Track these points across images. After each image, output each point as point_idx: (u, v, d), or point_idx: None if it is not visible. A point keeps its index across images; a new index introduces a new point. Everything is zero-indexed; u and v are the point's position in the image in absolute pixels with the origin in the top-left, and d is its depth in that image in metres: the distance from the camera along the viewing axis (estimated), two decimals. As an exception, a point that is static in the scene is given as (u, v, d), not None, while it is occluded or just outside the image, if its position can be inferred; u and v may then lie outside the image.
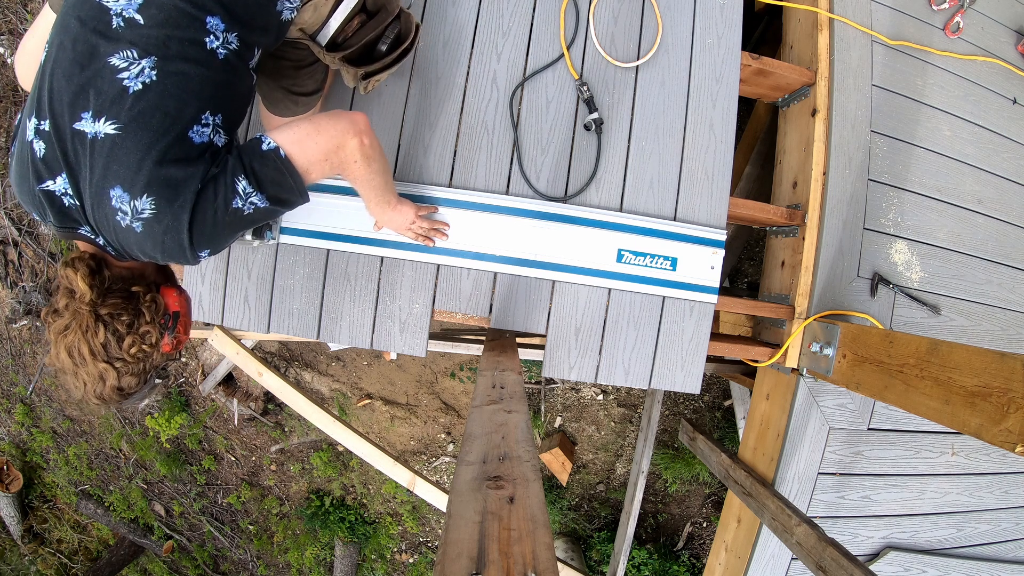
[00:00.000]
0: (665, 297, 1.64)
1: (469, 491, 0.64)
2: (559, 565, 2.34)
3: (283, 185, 0.97)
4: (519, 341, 1.74)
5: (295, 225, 1.56)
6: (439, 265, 1.59)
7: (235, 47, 0.95)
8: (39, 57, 0.92)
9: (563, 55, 1.62)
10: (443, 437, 4.00)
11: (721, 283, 1.67)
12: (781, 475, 1.75)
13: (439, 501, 2.35)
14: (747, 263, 3.64)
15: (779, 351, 1.74)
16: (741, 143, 2.66)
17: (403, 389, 3.95)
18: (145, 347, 0.95)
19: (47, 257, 3.71)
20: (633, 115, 1.65)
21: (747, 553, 1.83)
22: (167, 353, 1.02)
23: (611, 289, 1.62)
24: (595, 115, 1.59)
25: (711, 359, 1.86)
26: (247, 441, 4.22)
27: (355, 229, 1.56)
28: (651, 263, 1.62)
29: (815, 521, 1.51)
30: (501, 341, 1.49)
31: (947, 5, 1.93)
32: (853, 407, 1.80)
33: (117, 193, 0.86)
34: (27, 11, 3.54)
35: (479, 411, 0.93)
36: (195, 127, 0.90)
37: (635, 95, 1.65)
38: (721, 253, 1.65)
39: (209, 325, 2.84)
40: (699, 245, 1.64)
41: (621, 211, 1.63)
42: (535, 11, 1.63)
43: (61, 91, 0.86)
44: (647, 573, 3.75)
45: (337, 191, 1.55)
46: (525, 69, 1.62)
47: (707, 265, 1.65)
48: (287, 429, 4.16)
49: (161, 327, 0.97)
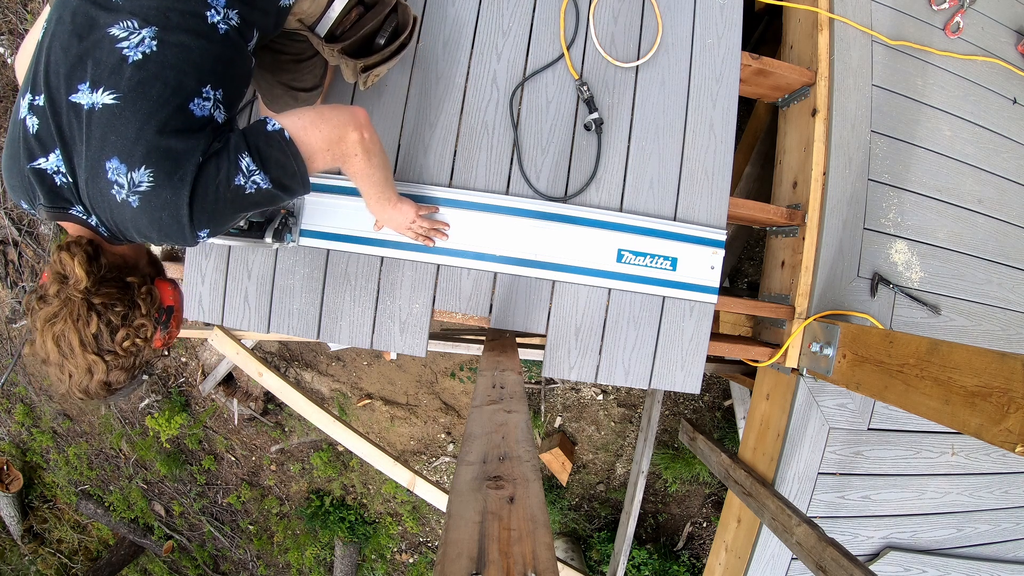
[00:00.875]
0: (665, 297, 1.64)
1: (469, 491, 0.64)
2: (559, 565, 2.34)
3: (286, 168, 0.95)
4: (519, 341, 1.74)
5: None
6: (439, 265, 1.59)
7: (236, 23, 0.94)
8: None
9: (563, 55, 1.62)
10: (443, 437, 4.00)
11: (721, 283, 1.67)
12: (781, 475, 1.75)
13: (439, 501, 2.35)
14: (747, 263, 3.64)
15: (779, 351, 1.74)
16: (741, 143, 2.66)
17: (403, 389, 3.95)
18: (138, 341, 0.91)
19: (47, 257, 3.71)
20: (633, 115, 1.65)
21: (747, 553, 1.83)
22: (157, 349, 0.98)
23: (611, 289, 1.62)
24: (595, 115, 1.59)
25: (711, 359, 1.86)
26: (247, 441, 4.22)
27: (355, 229, 1.56)
28: (651, 263, 1.62)
29: (815, 521, 1.51)
30: (501, 341, 1.49)
31: (947, 5, 1.93)
32: (853, 407, 1.80)
33: (114, 165, 0.82)
34: (27, 11, 3.54)
35: (479, 411, 0.93)
36: (196, 100, 0.88)
37: (635, 95, 1.65)
38: (721, 253, 1.65)
39: (209, 325, 2.84)
40: (699, 245, 1.64)
41: (621, 211, 1.63)
42: (535, 11, 1.63)
43: (58, 63, 0.84)
44: (647, 573, 3.75)
45: (337, 191, 1.55)
46: (525, 69, 1.62)
47: (707, 265, 1.65)
48: (287, 429, 4.16)
49: (155, 321, 0.94)
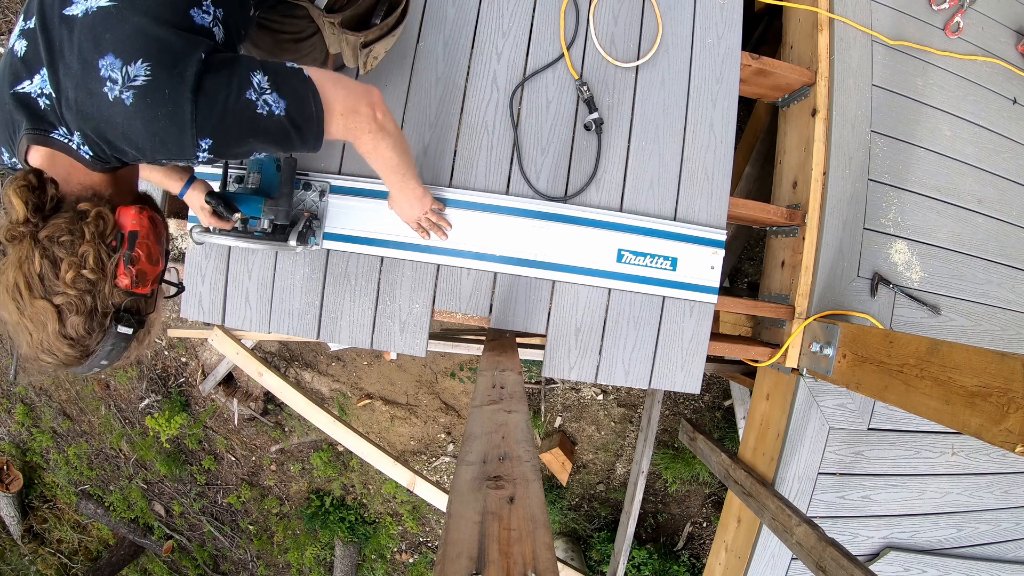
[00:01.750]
0: (665, 297, 1.64)
1: (469, 491, 0.64)
2: (559, 565, 2.34)
3: (304, 103, 0.87)
4: (519, 341, 1.74)
5: (295, 225, 1.56)
6: (439, 265, 1.59)
7: None
8: None
9: (563, 55, 1.63)
10: (443, 437, 4.00)
11: (721, 283, 1.67)
12: (781, 475, 1.75)
13: (439, 501, 2.35)
14: (747, 263, 3.64)
15: (779, 351, 1.74)
16: (741, 143, 2.66)
17: (403, 389, 3.95)
18: (85, 273, 0.77)
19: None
20: (633, 115, 1.65)
21: (747, 553, 1.83)
22: (127, 289, 0.82)
23: (611, 289, 1.62)
24: (595, 115, 1.59)
25: (711, 359, 1.86)
26: (247, 441, 4.22)
27: (355, 229, 1.56)
28: (651, 263, 1.62)
29: (815, 521, 1.51)
30: (501, 341, 1.49)
31: (947, 5, 1.93)
32: (853, 407, 1.80)
33: (108, 61, 0.75)
34: (27, 11, 3.54)
35: (479, 411, 0.93)
36: (196, 9, 0.82)
37: (635, 95, 1.65)
38: (721, 253, 1.65)
39: (209, 325, 2.84)
40: (699, 245, 1.64)
41: (621, 211, 1.63)
42: (535, 11, 1.63)
43: None
44: (647, 573, 3.75)
45: (336, 191, 1.55)
46: (525, 69, 1.62)
47: (707, 265, 1.65)
48: (287, 429, 4.16)
49: (108, 248, 0.80)
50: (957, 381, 1.18)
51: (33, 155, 0.82)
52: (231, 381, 4.00)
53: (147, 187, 1.47)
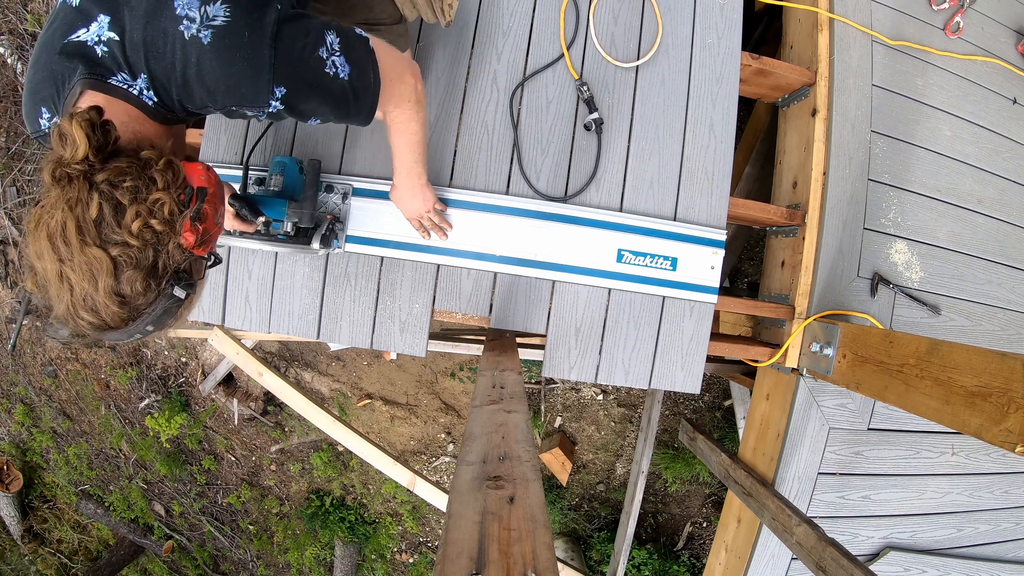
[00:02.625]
0: (665, 297, 1.64)
1: (469, 491, 0.64)
2: (559, 565, 2.34)
3: (365, 72, 0.88)
4: (519, 341, 1.74)
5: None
6: (439, 265, 1.59)
7: None
8: None
9: (563, 55, 1.62)
10: (443, 437, 4.00)
11: (721, 283, 1.67)
12: (781, 475, 1.75)
13: (439, 501, 2.35)
14: (747, 263, 3.64)
15: (779, 351, 1.74)
16: (741, 143, 2.66)
17: (403, 389, 3.95)
18: (155, 224, 0.69)
19: (47, 257, 3.70)
20: (633, 115, 1.65)
21: (747, 553, 1.83)
22: (190, 250, 0.74)
23: (611, 289, 1.62)
24: (595, 115, 1.59)
25: (711, 359, 1.86)
26: (247, 441, 4.22)
27: (355, 229, 1.56)
28: (651, 263, 1.62)
29: (815, 521, 1.51)
30: (501, 341, 1.49)
31: (947, 5, 1.93)
32: (853, 407, 1.80)
33: (185, 0, 0.73)
34: (27, 11, 3.54)
35: (479, 411, 0.93)
36: None
37: (635, 95, 1.65)
38: (721, 253, 1.65)
39: (209, 325, 2.84)
40: (699, 245, 1.64)
41: (621, 211, 1.63)
42: (535, 11, 1.63)
43: None
44: (647, 573, 3.75)
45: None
46: (525, 69, 1.62)
47: (707, 265, 1.65)
48: (287, 429, 4.16)
49: (180, 204, 0.72)
50: (957, 381, 1.18)
51: (86, 102, 0.76)
52: (231, 381, 4.00)
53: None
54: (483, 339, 1.80)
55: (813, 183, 1.75)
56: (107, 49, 0.75)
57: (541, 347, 1.75)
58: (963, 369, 1.17)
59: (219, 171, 1.44)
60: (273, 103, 0.80)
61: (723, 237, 1.65)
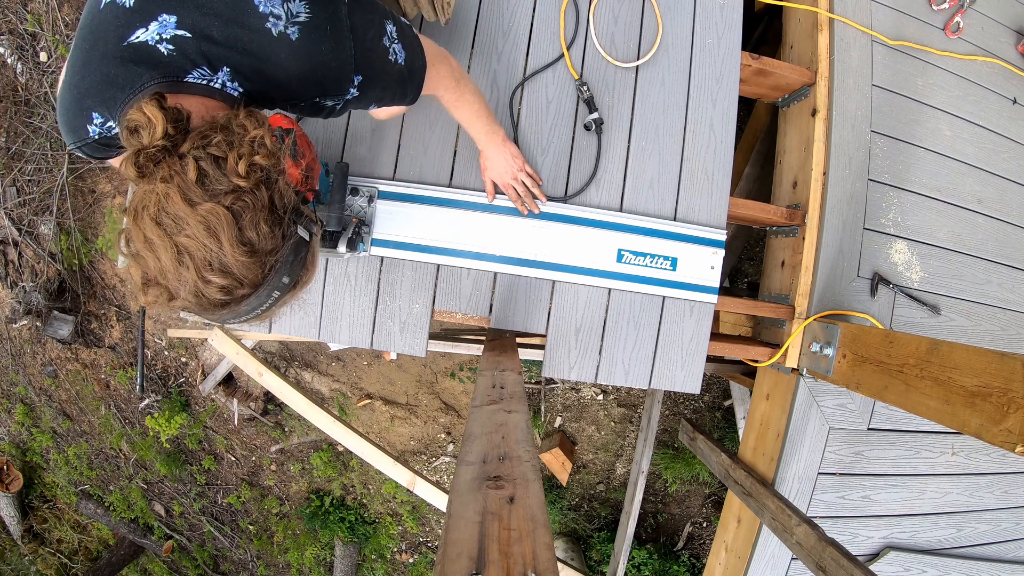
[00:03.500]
0: (665, 297, 1.64)
1: (469, 491, 0.64)
2: (559, 565, 2.34)
3: (416, 55, 0.94)
4: (519, 341, 1.74)
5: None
6: (439, 265, 1.59)
7: None
8: None
9: (563, 55, 1.62)
10: (443, 437, 4.00)
11: (721, 283, 1.67)
12: (781, 475, 1.75)
13: (439, 501, 2.35)
14: (747, 263, 3.64)
15: (779, 351, 1.74)
16: (741, 143, 2.66)
17: (403, 389, 3.95)
18: (260, 160, 0.67)
19: (47, 257, 3.71)
20: (633, 115, 1.65)
21: (747, 553, 1.83)
22: (296, 185, 0.72)
23: (611, 289, 1.62)
24: (595, 115, 1.59)
25: (711, 359, 1.86)
26: (247, 441, 4.22)
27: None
28: (651, 263, 1.62)
29: (815, 521, 1.51)
30: (501, 341, 1.49)
31: (947, 5, 1.93)
32: (853, 407, 1.80)
33: None
34: (27, 11, 3.54)
35: (479, 411, 0.93)
36: None
37: (635, 95, 1.65)
38: (721, 253, 1.65)
39: (209, 325, 2.84)
40: (699, 245, 1.64)
41: (621, 211, 1.63)
42: (535, 11, 1.63)
43: None
44: (647, 573, 3.75)
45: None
46: (525, 69, 1.62)
47: (707, 265, 1.65)
48: (287, 429, 4.16)
49: (276, 139, 0.71)
50: (957, 381, 1.18)
51: (180, 98, 0.76)
52: (231, 381, 4.00)
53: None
54: (483, 339, 1.80)
55: (813, 183, 1.75)
56: (174, 48, 0.73)
57: (541, 347, 1.75)
58: (963, 369, 1.17)
59: None
60: (352, 90, 0.84)
61: (723, 237, 1.65)
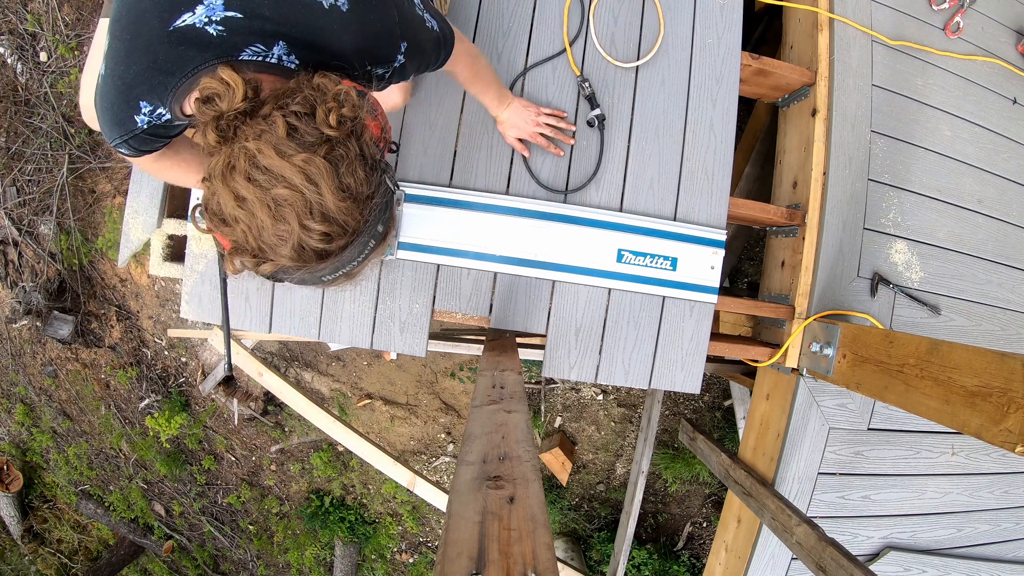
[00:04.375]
0: (665, 297, 1.64)
1: (469, 491, 0.64)
2: (559, 565, 2.34)
3: (443, 23, 0.97)
4: (519, 341, 1.74)
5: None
6: (439, 265, 1.59)
7: None
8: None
9: (564, 50, 1.62)
10: (443, 437, 4.00)
11: (721, 283, 1.67)
12: (781, 475, 1.75)
13: (439, 501, 2.35)
14: (747, 263, 3.64)
15: (779, 351, 1.74)
16: (741, 143, 2.66)
17: (403, 389, 3.95)
18: (347, 111, 0.66)
19: (47, 257, 3.71)
20: (633, 115, 1.65)
21: (747, 553, 1.83)
22: (376, 139, 0.73)
23: (611, 289, 1.62)
24: (598, 111, 1.59)
25: (711, 359, 1.86)
26: (247, 441, 4.22)
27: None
28: (651, 263, 1.62)
29: (815, 521, 1.51)
30: (501, 341, 1.49)
31: (947, 5, 1.93)
32: (853, 407, 1.80)
33: None
34: (27, 11, 3.54)
35: (479, 411, 0.93)
36: None
37: (635, 95, 1.65)
38: (721, 253, 1.65)
39: (209, 325, 2.84)
40: (699, 245, 1.64)
41: (621, 211, 1.63)
42: (535, 11, 1.63)
43: None
44: (647, 573, 3.75)
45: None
46: (524, 69, 1.62)
47: (707, 265, 1.65)
48: (287, 429, 4.16)
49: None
50: (957, 381, 1.18)
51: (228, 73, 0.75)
52: (231, 381, 3.99)
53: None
54: (483, 339, 1.80)
55: (813, 183, 1.75)
56: (223, 28, 0.72)
57: (541, 347, 1.75)
58: (963, 369, 1.17)
59: None
60: (399, 57, 0.86)
61: (723, 237, 1.65)
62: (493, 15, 1.61)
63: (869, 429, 1.82)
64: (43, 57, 3.61)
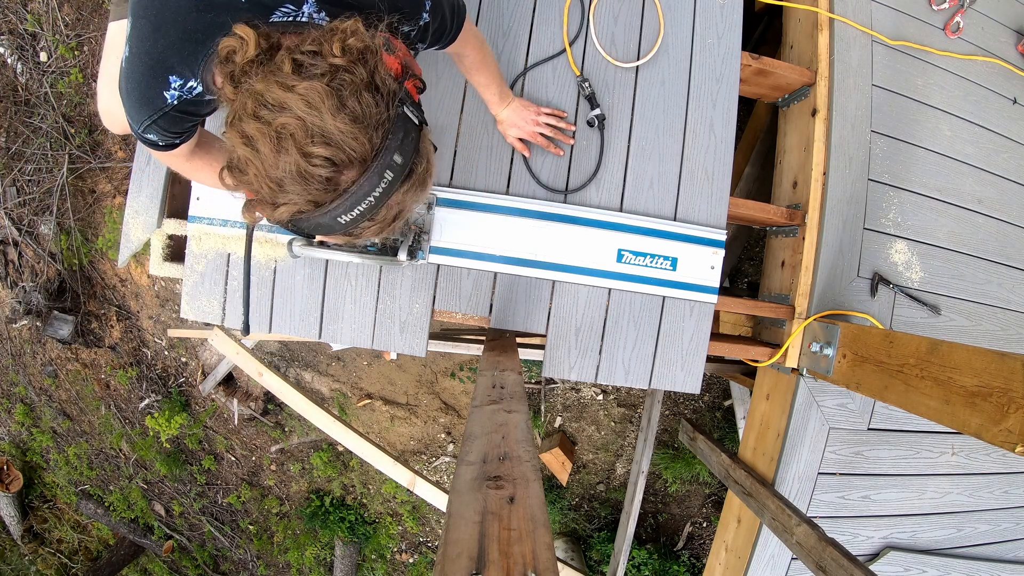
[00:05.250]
0: (665, 297, 1.64)
1: (469, 491, 0.64)
2: (559, 565, 2.34)
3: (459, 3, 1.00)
4: (519, 341, 1.74)
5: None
6: (439, 265, 1.59)
7: None
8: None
9: (564, 50, 1.62)
10: (443, 437, 4.00)
11: (721, 283, 1.67)
12: (781, 475, 1.75)
13: (439, 501, 2.35)
14: (747, 263, 3.64)
15: (779, 351, 1.74)
16: (741, 143, 2.66)
17: (403, 389, 3.95)
18: (354, 42, 0.65)
19: (47, 257, 3.71)
20: (633, 115, 1.65)
21: (747, 553, 1.83)
22: (397, 75, 0.70)
23: (611, 289, 1.62)
24: (598, 111, 1.59)
25: (711, 359, 1.86)
26: (247, 441, 4.22)
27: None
28: (651, 263, 1.62)
29: (815, 521, 1.51)
30: (501, 341, 1.49)
31: (947, 5, 1.93)
32: (853, 407, 1.80)
33: None
34: (27, 11, 3.54)
35: (479, 411, 0.93)
36: None
37: (635, 95, 1.65)
38: (721, 253, 1.65)
39: (209, 325, 2.84)
40: (699, 245, 1.64)
41: (621, 211, 1.63)
42: (535, 12, 1.63)
43: None
44: (647, 573, 3.75)
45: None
46: (524, 69, 1.62)
47: (707, 265, 1.65)
48: (287, 429, 4.16)
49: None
50: (957, 381, 1.18)
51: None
52: (231, 381, 4.00)
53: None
54: (483, 339, 1.80)
55: (813, 183, 1.75)
56: None
57: (541, 347, 1.75)
58: (963, 369, 1.17)
59: None
60: (424, 15, 0.88)
61: (723, 237, 1.65)
62: (493, 15, 1.61)
63: (869, 429, 1.82)
64: (43, 57, 3.61)
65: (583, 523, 4.04)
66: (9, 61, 3.59)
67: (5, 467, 4.34)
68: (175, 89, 0.77)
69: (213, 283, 1.58)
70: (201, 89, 0.78)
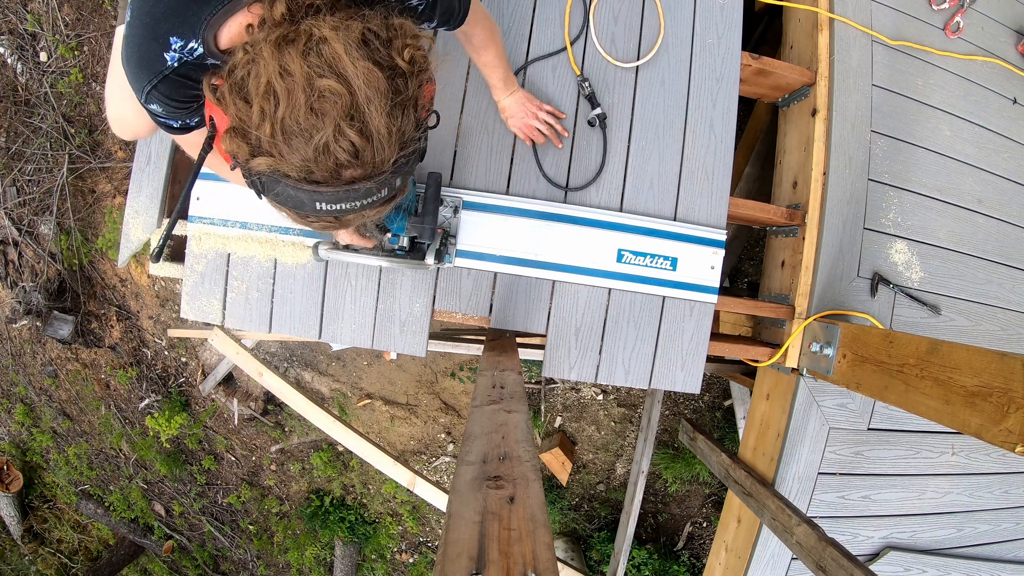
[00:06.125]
0: (665, 297, 1.64)
1: (469, 491, 0.64)
2: (559, 565, 2.34)
3: None
4: (519, 341, 1.74)
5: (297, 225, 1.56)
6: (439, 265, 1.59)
7: None
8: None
9: (565, 48, 1.62)
10: (443, 437, 4.00)
11: (721, 283, 1.67)
12: (781, 475, 1.75)
13: (439, 501, 2.35)
14: (747, 263, 3.64)
15: (779, 351, 1.74)
16: (741, 143, 2.66)
17: (403, 389, 3.95)
18: (419, 56, 0.65)
19: (47, 257, 3.71)
20: (633, 114, 1.65)
21: (747, 553, 1.83)
22: (427, 104, 0.71)
23: (611, 289, 1.62)
24: (599, 110, 1.59)
25: (711, 359, 1.86)
26: (247, 441, 4.22)
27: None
28: (651, 263, 1.62)
29: (815, 521, 1.51)
30: (501, 341, 1.49)
31: (947, 5, 1.93)
32: (853, 407, 1.80)
33: None
34: (27, 11, 3.54)
35: (479, 411, 0.93)
36: None
37: (635, 95, 1.65)
38: (721, 253, 1.65)
39: (209, 325, 2.84)
40: (699, 245, 1.64)
41: (621, 211, 1.63)
42: (535, 12, 1.63)
43: None
44: (647, 573, 3.75)
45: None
46: (524, 70, 1.62)
47: (707, 265, 1.65)
48: (287, 429, 4.16)
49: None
50: (957, 381, 1.18)
51: (241, 20, 0.70)
52: (231, 381, 4.00)
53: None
54: (483, 339, 1.80)
55: (813, 183, 1.75)
56: None
57: (541, 347, 1.75)
58: (963, 369, 1.17)
59: None
60: None
61: (723, 237, 1.65)
62: (493, 15, 1.61)
63: (869, 429, 1.82)
64: (43, 57, 3.61)
65: (583, 523, 4.04)
66: (9, 61, 3.59)
67: (5, 467, 4.34)
68: (175, 51, 0.74)
69: (213, 283, 1.58)
70: (202, 51, 0.75)
